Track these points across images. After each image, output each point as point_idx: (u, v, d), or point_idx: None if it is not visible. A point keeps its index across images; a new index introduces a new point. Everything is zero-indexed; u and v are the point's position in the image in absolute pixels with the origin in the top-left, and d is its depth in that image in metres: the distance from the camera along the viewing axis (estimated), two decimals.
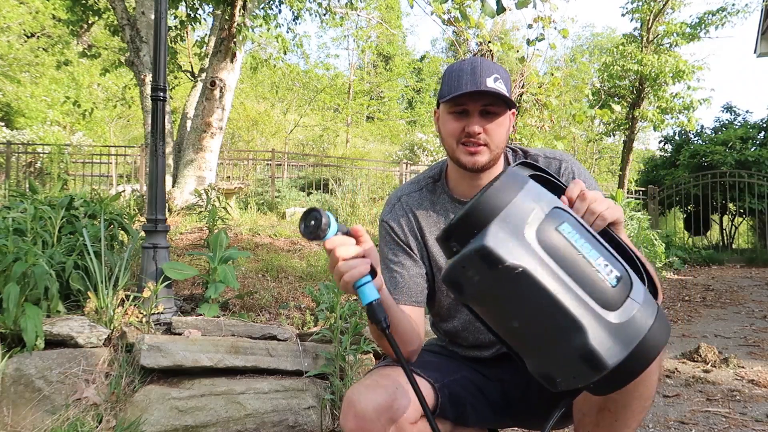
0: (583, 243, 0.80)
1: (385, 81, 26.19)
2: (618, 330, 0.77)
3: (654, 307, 0.81)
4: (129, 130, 18.29)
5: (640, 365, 0.79)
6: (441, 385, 1.21)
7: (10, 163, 8.80)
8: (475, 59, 1.22)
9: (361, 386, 1.09)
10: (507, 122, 1.24)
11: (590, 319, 0.77)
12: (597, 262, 0.80)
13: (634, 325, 0.78)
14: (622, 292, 0.79)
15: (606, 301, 0.78)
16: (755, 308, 4.83)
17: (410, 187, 1.39)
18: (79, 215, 2.79)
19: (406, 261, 1.30)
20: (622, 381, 0.81)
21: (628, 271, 0.82)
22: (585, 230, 0.83)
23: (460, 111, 1.22)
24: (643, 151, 22.31)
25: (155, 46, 2.75)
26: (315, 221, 0.93)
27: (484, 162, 1.23)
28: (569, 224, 0.81)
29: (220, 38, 6.20)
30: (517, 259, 0.77)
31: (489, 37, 5.00)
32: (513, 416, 1.34)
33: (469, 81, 1.17)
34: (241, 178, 9.52)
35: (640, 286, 0.82)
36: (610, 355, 0.76)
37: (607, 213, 0.93)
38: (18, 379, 1.90)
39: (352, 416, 1.05)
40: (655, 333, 0.79)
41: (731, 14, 11.47)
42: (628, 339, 0.77)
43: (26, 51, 14.07)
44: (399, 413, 1.07)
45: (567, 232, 0.81)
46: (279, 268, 3.92)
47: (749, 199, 9.43)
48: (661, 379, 2.77)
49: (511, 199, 0.82)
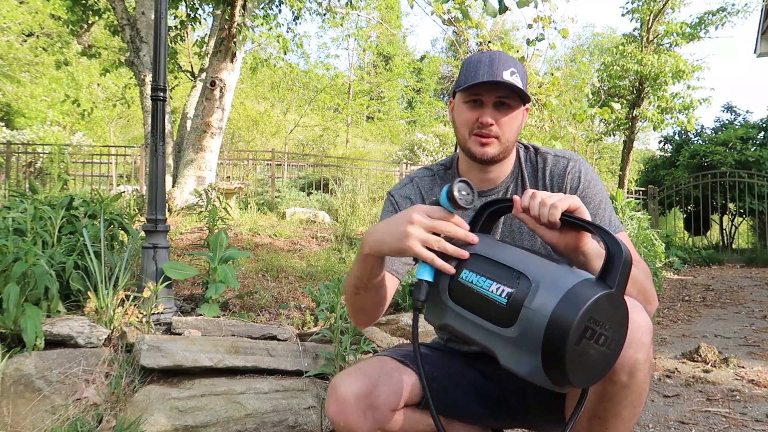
0: (477, 278, 0.95)
1: (385, 81, 26.17)
2: (519, 341, 0.87)
3: (561, 291, 0.85)
4: (129, 130, 18.29)
5: (559, 351, 0.83)
6: (430, 377, 1.21)
7: (10, 163, 8.80)
8: (494, 52, 1.23)
9: (345, 373, 1.13)
10: (520, 117, 1.26)
11: (496, 342, 0.91)
12: (490, 290, 0.92)
13: (532, 327, 0.85)
14: (516, 305, 0.88)
15: (502, 320, 0.90)
16: (755, 308, 4.83)
17: (423, 172, 1.42)
18: (79, 215, 2.79)
19: None
20: (560, 367, 0.84)
21: (529, 277, 0.89)
22: (488, 261, 0.96)
23: (475, 101, 1.23)
24: (643, 151, 22.31)
25: (155, 46, 2.75)
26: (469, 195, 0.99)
27: (494, 154, 1.24)
28: (467, 270, 0.97)
29: (220, 38, 6.20)
30: (442, 320, 1.00)
31: (489, 37, 4.99)
32: (512, 414, 1.34)
33: (486, 72, 1.18)
34: (241, 178, 9.52)
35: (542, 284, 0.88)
36: (521, 365, 0.88)
37: (558, 203, 0.97)
38: (18, 379, 1.90)
39: (333, 401, 1.09)
40: (558, 318, 0.83)
41: (731, 14, 11.46)
42: (532, 343, 0.85)
43: (26, 51, 14.06)
44: (379, 399, 1.10)
45: (466, 278, 0.97)
46: (279, 268, 3.92)
47: (749, 199, 9.43)
48: (660, 379, 2.77)
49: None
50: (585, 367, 0.86)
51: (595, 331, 0.85)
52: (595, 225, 0.96)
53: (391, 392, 1.11)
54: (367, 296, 1.18)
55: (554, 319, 0.83)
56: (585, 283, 0.86)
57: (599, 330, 0.85)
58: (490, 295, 0.92)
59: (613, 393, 1.00)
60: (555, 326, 0.83)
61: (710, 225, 10.87)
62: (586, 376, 0.87)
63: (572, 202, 0.98)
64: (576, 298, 0.84)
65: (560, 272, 0.89)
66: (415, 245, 0.98)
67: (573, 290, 0.85)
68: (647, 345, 0.98)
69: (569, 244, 1.01)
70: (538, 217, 0.99)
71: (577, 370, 0.84)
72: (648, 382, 1.03)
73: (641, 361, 0.97)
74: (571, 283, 0.86)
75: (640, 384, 1.00)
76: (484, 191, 1.33)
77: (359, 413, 1.07)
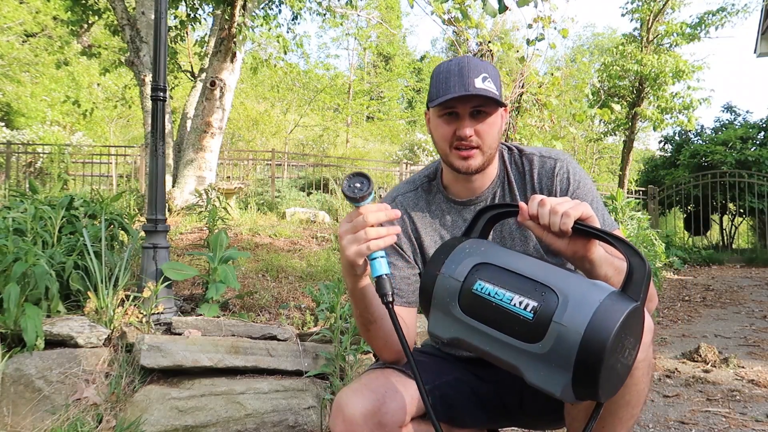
0: (496, 291, 0.90)
1: (385, 81, 26.18)
2: (548, 357, 0.83)
3: (591, 306, 0.83)
4: (129, 130, 18.29)
5: (593, 369, 0.81)
6: (432, 386, 1.20)
7: (10, 163, 8.80)
8: (462, 59, 1.19)
9: (350, 390, 1.09)
10: (499, 121, 1.22)
11: (521, 358, 0.86)
12: (512, 303, 0.87)
13: (564, 344, 0.82)
14: (544, 320, 0.84)
15: (528, 335, 0.85)
16: (755, 308, 4.83)
17: (406, 187, 1.37)
18: (79, 215, 2.79)
19: (398, 262, 1.29)
20: (592, 384, 0.82)
21: (555, 290, 0.86)
22: (504, 272, 0.92)
23: (450, 114, 1.19)
24: (643, 151, 22.31)
25: (155, 46, 2.75)
26: (361, 184, 0.97)
27: (478, 165, 1.21)
28: (481, 281, 0.92)
29: (220, 38, 6.20)
30: (451, 333, 0.95)
31: (489, 37, 4.99)
32: (509, 417, 1.33)
33: (457, 83, 1.15)
34: (241, 178, 9.52)
35: (570, 298, 0.85)
36: (551, 383, 0.84)
37: (571, 211, 0.95)
38: (18, 379, 1.90)
39: (340, 421, 1.05)
40: (592, 335, 0.80)
41: (731, 14, 11.46)
42: (564, 360, 0.82)
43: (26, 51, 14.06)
44: (387, 417, 1.06)
45: (481, 290, 0.91)
46: (279, 268, 3.92)
47: (749, 198, 9.43)
48: (660, 379, 2.77)
49: (434, 282, 0.97)
50: (611, 381, 0.85)
51: (623, 346, 0.84)
52: (613, 235, 0.93)
53: (398, 408, 1.08)
54: (379, 329, 1.15)
55: (588, 337, 0.80)
56: (612, 297, 0.84)
57: (626, 344, 0.84)
58: (512, 308, 0.87)
59: None
60: (589, 343, 0.80)
61: (710, 225, 10.87)
62: (610, 390, 0.86)
63: (585, 210, 0.96)
64: (608, 314, 0.82)
65: (584, 285, 0.87)
66: (350, 251, 0.98)
67: (603, 305, 0.83)
68: (647, 344, 0.98)
69: (578, 252, 0.98)
70: (547, 226, 0.97)
71: (605, 385, 0.83)
72: (647, 381, 1.03)
73: (640, 359, 0.97)
74: (599, 297, 0.84)
75: (638, 383, 1.00)
76: (472, 200, 1.30)
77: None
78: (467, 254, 0.97)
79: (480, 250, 0.97)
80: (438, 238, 1.32)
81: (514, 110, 5.16)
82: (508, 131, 5.09)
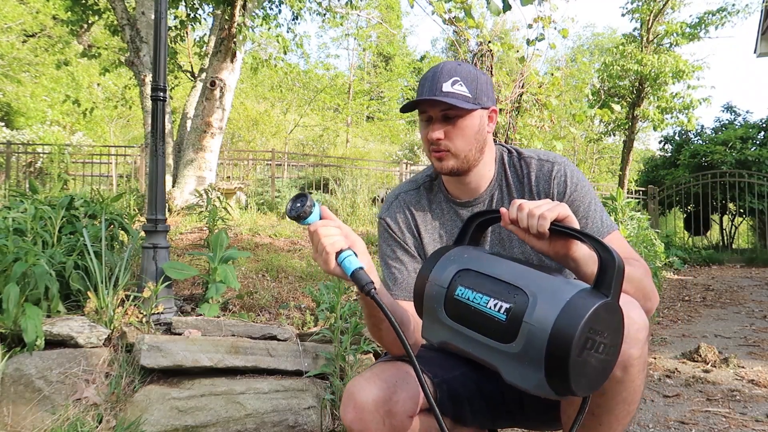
0: (474, 295, 0.95)
1: (385, 81, 26.17)
2: (521, 356, 0.87)
3: (559, 303, 0.86)
4: (129, 130, 18.28)
5: (562, 364, 0.84)
6: (440, 380, 1.21)
7: (10, 163, 8.80)
8: (439, 65, 1.23)
9: (362, 379, 1.11)
10: (475, 123, 1.23)
11: (498, 358, 0.91)
12: (487, 306, 0.92)
13: (534, 342, 0.86)
14: (515, 320, 0.88)
15: (503, 336, 0.90)
16: (755, 308, 4.83)
17: (408, 185, 1.40)
18: (79, 215, 2.79)
19: (404, 257, 1.31)
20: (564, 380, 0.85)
21: (526, 292, 0.90)
22: (482, 277, 0.96)
23: (426, 118, 1.24)
24: (643, 151, 22.30)
25: (155, 46, 2.75)
26: (301, 204, 1.02)
27: (451, 167, 1.24)
28: (462, 286, 0.97)
29: (220, 38, 6.20)
30: (440, 337, 1.01)
31: (489, 37, 4.99)
32: (510, 416, 1.34)
33: (427, 88, 1.19)
34: (241, 178, 9.52)
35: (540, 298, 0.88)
36: (525, 380, 0.88)
37: (547, 213, 0.98)
38: (18, 379, 1.90)
39: (351, 408, 1.07)
40: (559, 331, 0.84)
41: (731, 14, 11.45)
42: (535, 358, 0.86)
43: (26, 51, 14.06)
44: (398, 406, 1.08)
45: (461, 294, 0.97)
46: (279, 268, 3.92)
47: (749, 198, 9.43)
48: (660, 379, 2.77)
49: (423, 289, 1.03)
50: (586, 375, 0.87)
51: (594, 341, 0.86)
52: (584, 233, 0.97)
53: (409, 398, 1.10)
54: (390, 328, 1.17)
55: (555, 333, 0.84)
56: (582, 294, 0.87)
57: (599, 339, 0.86)
58: (487, 311, 0.92)
59: (606, 388, 1.00)
60: (557, 340, 0.83)
61: (710, 225, 10.87)
62: (588, 384, 0.88)
63: (561, 211, 0.98)
64: (575, 310, 0.84)
65: (556, 284, 0.90)
66: (323, 266, 1.02)
67: (571, 302, 0.86)
68: (642, 341, 0.99)
69: (559, 252, 1.01)
70: (526, 228, 1.00)
71: (579, 380, 0.85)
72: (642, 379, 1.04)
73: (635, 356, 0.98)
74: (568, 295, 0.87)
75: (633, 379, 1.01)
76: (470, 201, 1.32)
77: (378, 420, 1.06)
78: (451, 261, 1.02)
79: (463, 257, 1.03)
80: (437, 237, 1.33)
81: (514, 110, 5.16)
82: (508, 131, 5.09)
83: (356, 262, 1.01)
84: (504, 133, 5.07)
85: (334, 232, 1.01)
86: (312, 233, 1.01)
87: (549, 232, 0.98)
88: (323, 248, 1.00)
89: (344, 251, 1.01)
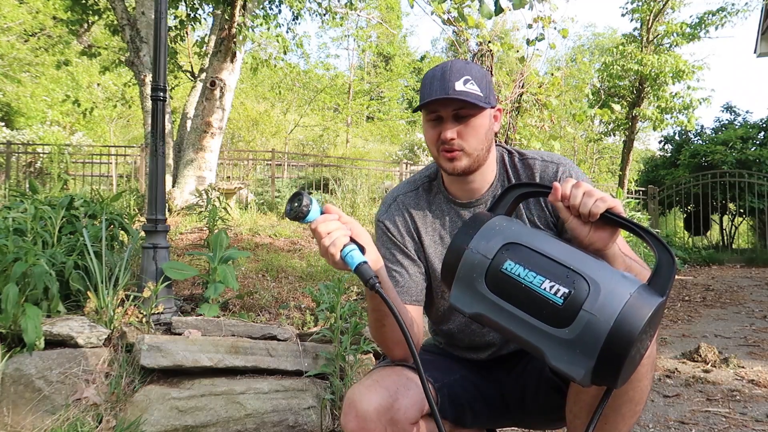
0: (527, 273, 0.89)
1: (385, 81, 26.15)
2: (574, 343, 0.84)
3: (622, 299, 0.84)
4: (129, 130, 18.29)
5: (617, 359, 0.82)
6: (441, 384, 1.21)
7: (10, 163, 8.80)
8: (447, 63, 1.21)
9: (362, 387, 1.09)
10: (486, 123, 1.22)
11: (545, 341, 0.86)
12: (542, 287, 0.87)
13: (592, 333, 0.83)
14: (573, 307, 0.85)
15: (556, 320, 0.85)
16: (755, 308, 4.83)
17: (407, 187, 1.38)
18: (79, 215, 2.79)
19: (404, 260, 1.30)
20: (613, 373, 0.84)
21: (587, 279, 0.86)
22: (535, 254, 0.91)
23: (435, 118, 1.21)
24: (643, 151, 22.30)
25: (155, 46, 2.75)
26: (298, 203, 1.01)
27: (464, 167, 1.22)
28: (511, 261, 0.91)
29: (220, 38, 6.20)
30: (474, 308, 0.93)
31: (489, 37, 4.99)
32: (511, 416, 1.34)
33: (438, 87, 1.16)
34: (241, 178, 9.51)
35: (602, 288, 0.85)
36: (573, 368, 0.84)
37: (607, 198, 0.95)
38: (18, 379, 1.90)
39: (353, 417, 1.05)
40: (621, 327, 0.82)
41: (731, 14, 11.46)
42: (589, 348, 0.83)
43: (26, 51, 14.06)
44: (400, 414, 1.07)
45: (510, 270, 0.90)
46: (279, 268, 3.92)
47: (749, 198, 9.43)
48: (660, 379, 2.77)
49: (461, 256, 0.95)
50: (629, 369, 0.87)
51: (643, 338, 0.85)
52: (643, 228, 0.93)
53: (411, 405, 1.09)
54: (393, 326, 1.15)
55: (617, 328, 0.82)
56: (641, 291, 0.86)
57: (645, 336, 0.86)
58: (542, 292, 0.87)
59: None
60: (618, 335, 0.81)
61: (710, 225, 10.87)
62: (626, 377, 0.88)
63: (617, 204, 0.95)
64: (637, 309, 0.83)
65: (615, 276, 0.88)
66: (329, 262, 1.02)
67: (633, 299, 0.84)
68: (652, 342, 0.99)
69: (596, 242, 0.97)
70: (577, 207, 0.96)
71: (624, 374, 0.85)
72: (650, 379, 1.04)
73: (645, 356, 0.97)
74: (629, 290, 0.85)
75: (642, 379, 1.01)
76: (471, 201, 1.31)
77: (381, 429, 1.05)
78: (497, 232, 0.95)
79: (511, 228, 0.96)
80: (438, 238, 1.32)
81: (514, 110, 5.16)
82: (508, 131, 5.09)
83: (359, 256, 0.99)
84: (504, 133, 5.07)
85: (335, 226, 1.00)
86: (313, 231, 1.01)
87: (598, 217, 0.95)
88: (325, 247, 0.99)
89: (347, 246, 0.99)
